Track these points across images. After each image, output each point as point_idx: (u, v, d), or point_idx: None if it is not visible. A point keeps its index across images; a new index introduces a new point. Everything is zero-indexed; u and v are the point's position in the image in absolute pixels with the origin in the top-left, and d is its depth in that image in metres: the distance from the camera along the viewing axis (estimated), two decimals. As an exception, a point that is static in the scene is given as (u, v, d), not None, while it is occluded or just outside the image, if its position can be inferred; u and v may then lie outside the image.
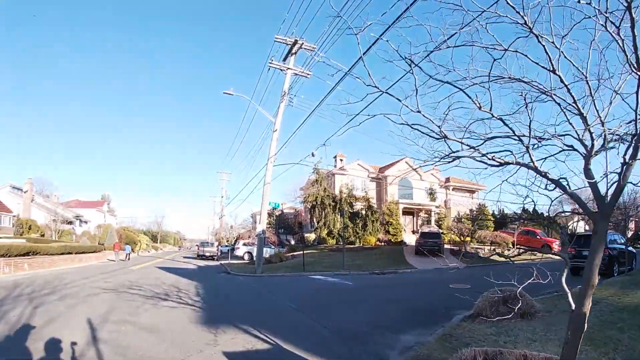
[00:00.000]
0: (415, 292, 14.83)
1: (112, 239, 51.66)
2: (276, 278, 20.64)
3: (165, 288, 15.06)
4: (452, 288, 14.24)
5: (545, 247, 36.23)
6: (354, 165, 43.17)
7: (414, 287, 16.11)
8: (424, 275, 21.69)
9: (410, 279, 19.96)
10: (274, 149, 24.16)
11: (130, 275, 21.65)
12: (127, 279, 18.72)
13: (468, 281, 16.56)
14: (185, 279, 19.19)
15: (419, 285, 17.10)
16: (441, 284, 16.72)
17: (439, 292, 14.30)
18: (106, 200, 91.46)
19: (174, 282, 17.30)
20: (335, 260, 27.87)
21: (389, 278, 20.80)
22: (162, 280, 18.14)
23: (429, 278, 20.14)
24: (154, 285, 16.17)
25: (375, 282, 18.64)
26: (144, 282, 17.24)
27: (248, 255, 38.86)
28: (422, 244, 29.97)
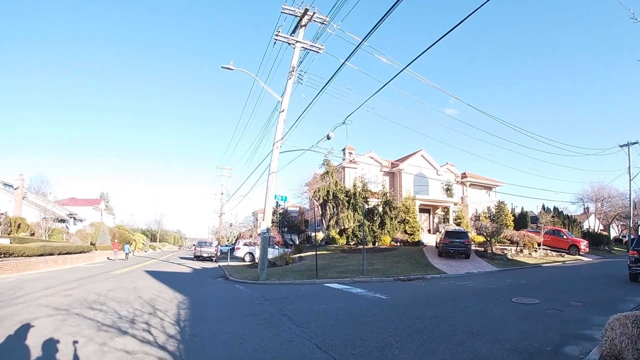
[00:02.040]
0: (479, 312, 10.31)
1: (104, 238, 47.51)
2: (285, 288, 16.11)
3: (136, 307, 10.58)
4: (520, 304, 11.15)
5: (572, 248, 32.62)
6: (365, 158, 38.75)
7: (467, 303, 11.60)
8: (462, 283, 17.25)
9: (450, 289, 15.47)
10: (280, 132, 19.72)
11: (105, 283, 17.20)
12: (96, 290, 14.34)
13: (527, 291, 13.56)
14: (171, 290, 14.69)
15: (470, 298, 12.58)
16: (498, 297, 12.65)
17: (512, 313, 9.84)
18: (104, 198, 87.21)
19: (154, 296, 12.81)
20: (350, 264, 23.47)
21: (424, 288, 16.31)
22: (139, 293, 13.65)
23: (473, 288, 15.69)
24: (124, 301, 11.73)
25: (412, 294, 14.11)
26: (114, 296, 12.82)
27: (249, 256, 34.60)
28: (448, 244, 25.86)
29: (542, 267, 25.85)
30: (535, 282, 17.20)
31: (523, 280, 17.85)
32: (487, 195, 46.42)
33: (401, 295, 13.61)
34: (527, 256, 29.80)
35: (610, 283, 16.54)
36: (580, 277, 19.37)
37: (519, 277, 19.26)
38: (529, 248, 31.30)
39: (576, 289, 14.74)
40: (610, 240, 39.99)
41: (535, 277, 19.38)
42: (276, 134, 19.75)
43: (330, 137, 17.94)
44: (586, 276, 19.83)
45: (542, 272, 22.37)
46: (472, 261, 25.75)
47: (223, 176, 49.46)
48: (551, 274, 21.70)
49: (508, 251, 29.56)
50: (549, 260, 28.59)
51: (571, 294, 13.28)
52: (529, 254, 30.54)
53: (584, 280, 17.92)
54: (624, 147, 42.19)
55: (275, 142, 19.58)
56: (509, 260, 27.01)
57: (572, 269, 24.43)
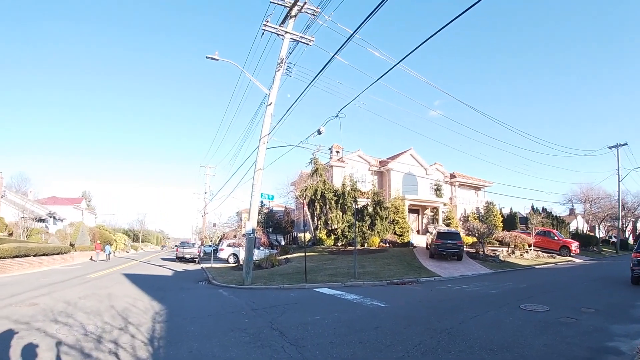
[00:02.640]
0: (490, 322, 9.20)
1: (83, 238, 45.55)
2: (272, 293, 14.85)
3: (106, 320, 9.20)
4: (530, 312, 10.26)
5: (563, 249, 31.98)
6: (353, 156, 37.54)
7: (475, 311, 10.49)
8: (461, 287, 16.22)
9: (451, 295, 14.42)
10: (267, 127, 18.45)
11: (77, 289, 15.70)
12: (67, 298, 12.89)
13: (532, 297, 12.67)
14: (148, 297, 13.29)
15: (476, 306, 11.49)
16: (505, 304, 11.67)
17: (526, 323, 8.81)
18: (86, 197, 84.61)
19: (128, 305, 11.42)
20: (340, 266, 22.30)
21: (422, 293, 15.24)
22: (112, 301, 12.23)
23: (475, 293, 14.69)
24: (94, 312, 10.33)
25: (411, 301, 12.98)
26: (84, 305, 11.39)
27: (233, 257, 33.21)
28: (440, 245, 24.92)
29: (536, 269, 25.04)
30: (536, 286, 16.35)
31: (523, 284, 16.96)
32: (475, 195, 45.65)
33: (400, 303, 12.46)
34: (518, 257, 28.99)
35: (612, 286, 15.84)
36: (579, 280, 18.62)
37: (517, 281, 18.36)
38: (520, 249, 30.53)
39: (581, 293, 13.98)
40: (599, 241, 39.48)
41: (534, 280, 18.55)
42: (263, 128, 18.48)
43: (322, 132, 16.74)
44: (585, 279, 19.08)
45: (539, 275, 21.56)
46: (464, 263, 24.83)
47: (207, 175, 47.91)
48: (549, 276, 20.90)
49: (500, 252, 28.74)
50: (541, 262, 27.85)
51: (578, 299, 12.50)
52: (521, 255, 29.76)
53: (585, 283, 17.17)
54: (612, 148, 41.88)
55: (262, 138, 18.31)
56: (502, 262, 26.18)
57: (568, 271, 23.68)
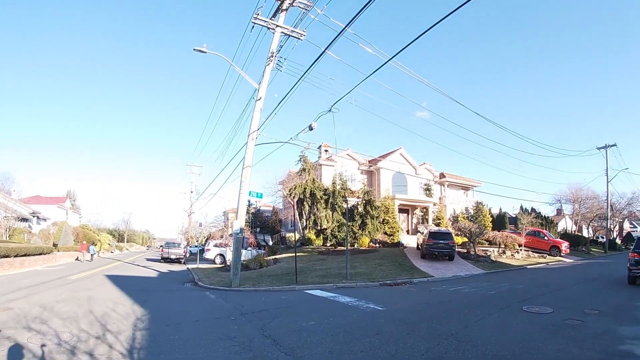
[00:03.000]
0: (495, 326, 8.61)
1: (67, 238, 44.33)
2: (262, 296, 14.09)
3: (83, 328, 8.40)
4: (533, 314, 9.86)
5: (553, 249, 31.76)
6: (343, 155, 36.84)
7: (477, 314, 9.90)
8: (457, 289, 15.67)
9: (448, 296, 13.80)
10: (256, 122, 17.70)
11: (56, 291, 14.81)
12: (44, 301, 12.04)
13: (532, 298, 12.30)
14: (130, 301, 12.47)
15: (476, 308, 10.91)
16: (506, 306, 11.17)
17: (533, 327, 8.38)
18: (70, 196, 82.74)
19: (108, 310, 10.60)
20: (330, 267, 21.64)
21: (418, 295, 14.66)
22: (92, 305, 11.40)
23: (472, 294, 14.15)
24: (71, 317, 9.51)
25: (409, 304, 12.35)
26: (61, 310, 10.56)
27: (220, 258, 32.34)
28: (432, 246, 24.41)
29: (528, 269, 24.69)
30: (533, 287, 15.83)
31: (520, 285, 16.48)
32: (464, 195, 45.33)
33: (398, 305, 11.82)
34: (509, 258, 28.64)
35: (609, 286, 15.57)
36: (574, 280, 18.22)
37: (512, 281, 17.89)
38: (510, 249, 30.20)
39: (580, 294, 13.61)
40: (588, 241, 39.42)
41: (530, 281, 18.07)
42: (252, 124, 17.73)
43: (313, 128, 16.04)
44: (580, 279, 18.73)
45: (533, 275, 21.13)
46: (456, 263, 24.35)
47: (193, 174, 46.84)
48: (543, 277, 20.48)
49: (491, 253, 28.35)
50: (532, 262, 27.53)
51: (578, 300, 12.15)
52: (512, 255, 29.42)
53: (581, 284, 16.82)
54: (601, 149, 41.84)
55: (251, 133, 17.56)
56: (494, 262, 25.80)
57: (561, 271, 23.36)
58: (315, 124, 16.02)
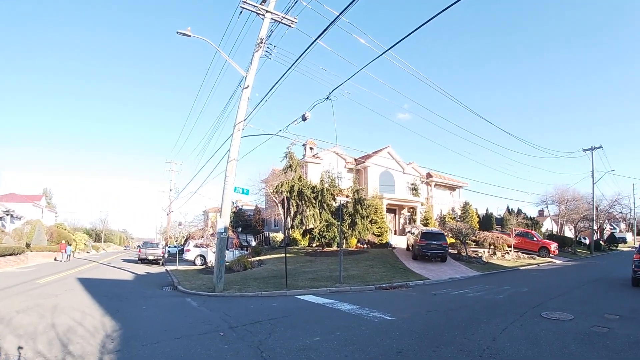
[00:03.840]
0: (523, 336, 7.36)
1: (40, 237, 41.77)
2: (251, 303, 12.49)
3: (39, 348, 6.72)
4: (556, 321, 8.92)
5: (542, 250, 30.98)
6: (329, 153, 35.39)
7: (497, 323, 8.62)
8: (460, 292, 14.45)
9: (455, 302, 12.50)
10: (243, 112, 16.09)
11: (19, 298, 12.99)
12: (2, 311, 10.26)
13: (544, 302, 11.32)
14: (101, 310, 10.75)
15: (493, 315, 9.67)
16: (523, 312, 10.09)
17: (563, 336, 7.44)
18: (47, 194, 79.07)
19: (74, 323, 8.89)
20: (320, 269, 20.18)
21: (421, 300, 13.31)
22: (56, 316, 9.67)
23: (480, 299, 12.86)
24: (29, 332, 7.86)
25: (416, 310, 10.90)
26: (20, 323, 8.87)
27: (200, 259, 30.59)
28: (425, 246, 23.17)
29: (522, 270, 23.78)
30: (538, 290, 14.74)
31: (524, 288, 15.33)
32: (450, 195, 44.39)
33: (406, 313, 10.36)
34: (500, 259, 27.64)
35: (614, 289, 14.77)
36: (575, 282, 17.24)
37: (514, 284, 16.76)
38: (500, 250, 29.20)
39: (589, 297, 12.74)
40: (574, 242, 38.85)
41: (532, 284, 16.96)
42: (238, 114, 16.11)
43: (307, 118, 14.54)
44: (581, 281, 17.77)
45: (531, 277, 20.19)
46: (449, 265, 23.17)
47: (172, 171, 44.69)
48: (541, 278, 19.59)
49: (482, 253, 27.30)
50: (524, 263, 26.60)
51: (591, 303, 11.31)
52: (502, 256, 28.44)
53: (584, 286, 15.80)
54: (587, 151, 41.36)
55: (237, 124, 15.94)
56: (486, 264, 24.75)
57: (556, 273, 22.47)
58: (309, 113, 14.54)
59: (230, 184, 15.67)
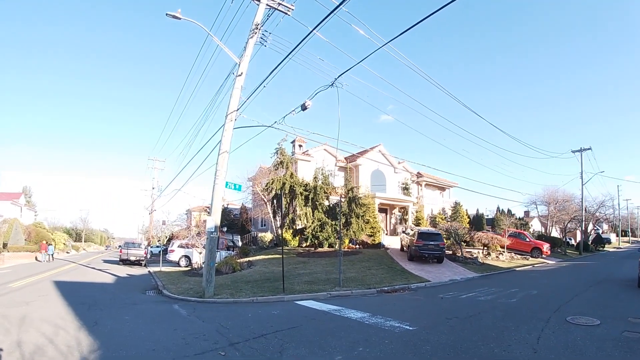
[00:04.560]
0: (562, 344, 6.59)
1: (17, 237, 39.54)
2: (248, 311, 11.03)
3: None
4: (585, 326, 8.19)
5: (535, 251, 30.27)
6: (319, 151, 34.03)
7: (527, 330, 7.69)
8: (469, 296, 13.38)
9: (466, 305, 11.41)
10: (236, 101, 14.65)
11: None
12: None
13: (562, 307, 10.54)
14: (76, 321, 9.19)
15: (509, 319, 8.85)
16: (546, 317, 9.17)
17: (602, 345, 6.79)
18: (26, 192, 75.86)
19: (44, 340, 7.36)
20: (315, 271, 18.88)
21: (428, 303, 12.18)
22: (22, 332, 8.11)
23: (491, 303, 11.80)
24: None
25: (432, 317, 9.66)
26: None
27: (185, 260, 28.98)
28: (422, 247, 22.08)
29: (520, 271, 23.00)
30: (549, 293, 13.88)
31: (533, 290, 14.34)
32: (440, 195, 43.48)
33: (424, 321, 9.12)
34: (495, 259, 26.75)
35: (623, 290, 14.18)
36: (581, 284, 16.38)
37: (520, 286, 15.79)
38: (493, 251, 28.29)
39: (603, 300, 12.07)
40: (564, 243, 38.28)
41: (538, 286, 16.01)
42: (230, 103, 14.66)
43: (307, 107, 13.19)
44: (587, 282, 16.96)
45: (533, 278, 19.33)
46: (446, 266, 22.12)
47: (155, 169, 42.66)
48: (545, 279, 18.74)
49: (476, 254, 26.33)
50: (519, 264, 25.80)
51: (609, 307, 10.65)
52: (497, 257, 27.56)
53: (591, 287, 15.03)
54: (576, 152, 40.85)
55: (229, 114, 14.49)
56: (482, 264, 23.82)
57: (557, 273, 21.69)
58: (310, 102, 13.19)
59: (221, 178, 14.21)
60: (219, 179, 14.18)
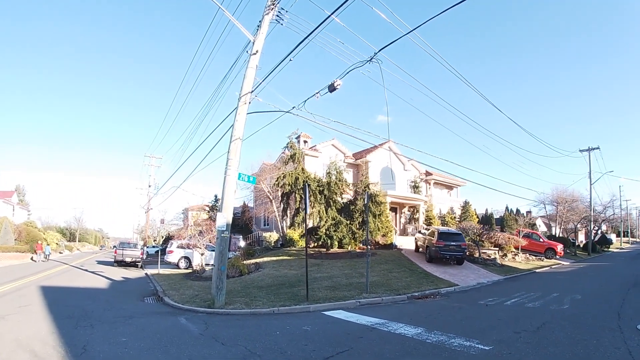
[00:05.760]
0: None
1: (7, 236, 37.13)
2: (272, 326, 8.89)
3: None
4: None
5: (549, 251, 28.44)
6: (327, 145, 31.92)
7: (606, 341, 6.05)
8: (512, 302, 11.61)
9: (520, 313, 9.51)
10: (250, 82, 12.55)
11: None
12: None
13: (622, 312, 9.40)
14: (61, 346, 6.98)
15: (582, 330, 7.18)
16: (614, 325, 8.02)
17: None
18: (19, 191, 73.04)
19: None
20: (333, 275, 16.83)
21: (476, 312, 10.27)
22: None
23: (544, 310, 10.14)
24: None
25: (497, 333, 7.54)
26: None
27: (185, 261, 26.78)
28: (443, 248, 20.15)
29: (540, 273, 21.38)
30: (591, 297, 12.48)
31: (577, 295, 12.57)
32: (448, 195, 41.59)
33: (492, 337, 7.21)
34: (511, 261, 24.93)
35: None
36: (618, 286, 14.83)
37: (556, 289, 14.16)
38: (508, 251, 26.39)
39: None
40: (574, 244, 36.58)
41: (573, 289, 14.46)
42: (244, 84, 12.54)
43: (337, 87, 11.12)
44: (620, 285, 15.41)
45: (560, 281, 17.85)
46: (467, 268, 20.19)
47: (152, 166, 40.26)
48: (573, 282, 17.24)
49: (493, 255, 24.43)
50: (536, 265, 24.06)
51: None
52: (512, 258, 25.74)
53: (632, 290, 13.56)
54: (584, 152, 39.12)
55: (242, 96, 12.37)
56: (502, 266, 22.08)
57: (581, 275, 20.15)
58: (340, 81, 11.13)
59: (233, 168, 12.08)
60: (231, 169, 12.06)
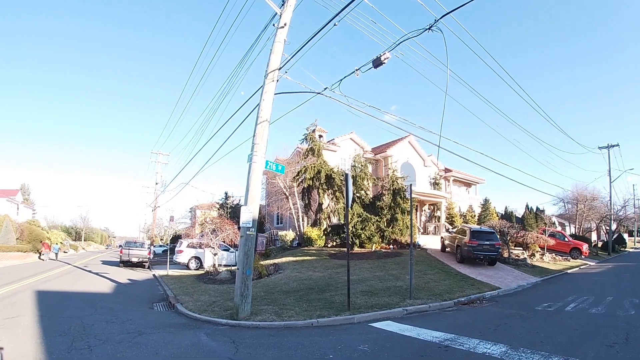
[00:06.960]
0: None
1: (8, 235, 35.27)
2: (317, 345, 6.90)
3: None
4: None
5: (574, 251, 26.59)
6: (345, 139, 29.92)
7: None
8: (572, 307, 10.17)
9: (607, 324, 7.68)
10: (277, 57, 10.65)
11: None
12: None
13: None
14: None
15: None
16: None
17: None
18: (24, 190, 71.21)
19: None
20: (364, 277, 14.97)
21: (541, 322, 8.32)
22: None
23: (617, 318, 8.69)
24: None
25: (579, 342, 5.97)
26: None
27: (195, 262, 24.88)
28: (476, 247, 18.38)
29: (573, 274, 19.87)
30: None
31: (635, 299, 11.20)
32: (467, 192, 39.68)
33: (586, 351, 5.81)
34: (539, 261, 23.21)
35: None
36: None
37: (608, 293, 12.80)
38: (534, 251, 24.56)
39: None
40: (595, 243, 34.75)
41: (623, 291, 13.30)
42: (270, 60, 10.62)
43: (384, 61, 9.23)
44: None
45: (599, 282, 16.52)
46: (501, 269, 18.43)
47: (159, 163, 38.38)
48: (612, 283, 15.94)
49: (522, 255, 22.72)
50: (566, 266, 22.29)
51: None
52: (540, 258, 23.99)
53: None
54: (603, 149, 37.14)
55: (269, 72, 10.46)
56: (534, 267, 20.36)
57: (616, 276, 18.83)
58: (389, 54, 9.24)
59: (260, 154, 10.14)
60: (257, 155, 10.11)
